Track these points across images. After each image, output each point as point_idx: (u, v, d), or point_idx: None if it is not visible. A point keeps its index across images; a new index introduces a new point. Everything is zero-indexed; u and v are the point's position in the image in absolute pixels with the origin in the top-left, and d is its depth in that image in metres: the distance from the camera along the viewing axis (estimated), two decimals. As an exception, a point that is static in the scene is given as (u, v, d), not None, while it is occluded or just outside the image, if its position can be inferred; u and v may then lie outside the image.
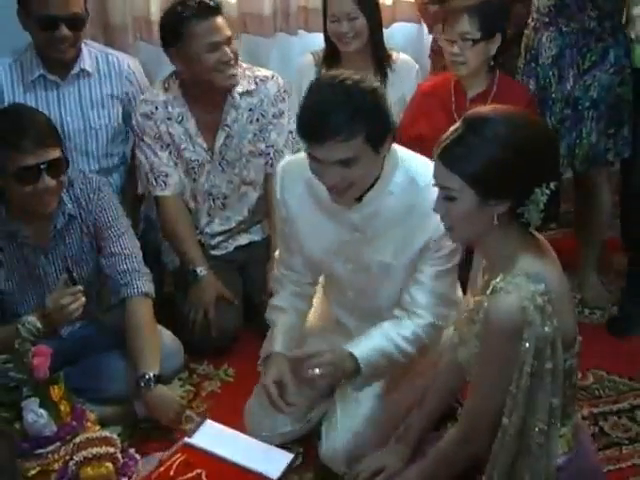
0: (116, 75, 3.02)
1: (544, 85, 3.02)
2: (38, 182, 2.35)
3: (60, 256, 2.56)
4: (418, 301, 2.22)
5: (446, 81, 2.99)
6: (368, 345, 2.21)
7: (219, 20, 2.84)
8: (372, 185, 2.12)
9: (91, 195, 2.56)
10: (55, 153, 2.39)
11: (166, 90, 2.96)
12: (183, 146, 2.99)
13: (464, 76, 2.91)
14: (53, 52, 2.86)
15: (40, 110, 2.66)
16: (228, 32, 2.85)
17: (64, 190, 2.49)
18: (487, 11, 2.84)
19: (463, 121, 1.77)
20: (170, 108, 2.95)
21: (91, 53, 2.99)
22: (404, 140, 3.07)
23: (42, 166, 2.34)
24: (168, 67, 3.00)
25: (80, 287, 2.41)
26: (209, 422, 2.28)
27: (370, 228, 2.19)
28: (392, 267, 2.22)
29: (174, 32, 2.84)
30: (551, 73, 3.00)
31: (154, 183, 3.01)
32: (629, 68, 2.97)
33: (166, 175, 3.00)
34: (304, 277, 2.41)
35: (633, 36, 2.92)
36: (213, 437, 2.19)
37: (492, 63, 2.92)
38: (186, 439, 2.21)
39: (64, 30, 2.78)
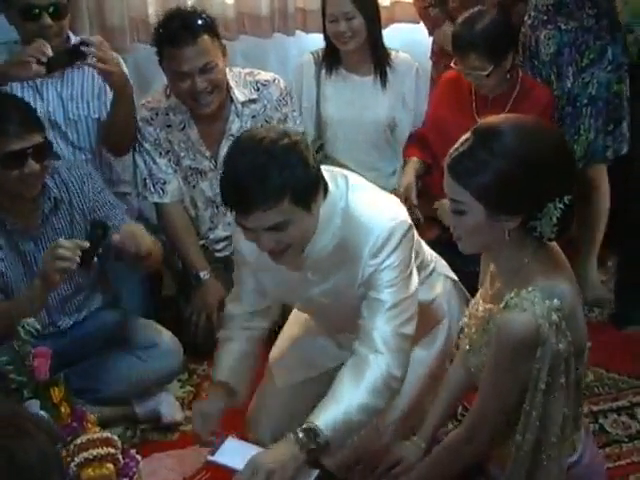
0: None
1: (546, 83, 3.03)
2: (24, 167, 2.36)
3: (49, 243, 2.50)
4: (377, 325, 2.02)
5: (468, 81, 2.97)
6: (327, 414, 1.96)
7: (196, 47, 2.73)
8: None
9: (85, 179, 2.57)
10: (39, 137, 2.40)
11: (167, 97, 2.96)
12: (182, 154, 2.99)
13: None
14: None
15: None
16: (204, 60, 2.75)
17: (48, 177, 2.49)
18: (492, 39, 2.79)
19: (473, 132, 1.70)
20: (172, 115, 2.95)
21: None
22: (428, 123, 3.09)
23: (28, 150, 2.35)
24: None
25: (80, 242, 2.30)
26: (230, 438, 2.25)
27: (319, 268, 2.07)
28: (349, 295, 2.08)
29: (157, 50, 2.83)
30: (550, 71, 3.01)
31: (152, 190, 3.01)
32: (627, 65, 2.98)
33: (164, 182, 3.00)
34: (257, 306, 2.26)
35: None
36: (236, 453, 2.14)
37: (509, 76, 2.92)
38: (209, 457, 2.17)
39: (47, 19, 2.76)
